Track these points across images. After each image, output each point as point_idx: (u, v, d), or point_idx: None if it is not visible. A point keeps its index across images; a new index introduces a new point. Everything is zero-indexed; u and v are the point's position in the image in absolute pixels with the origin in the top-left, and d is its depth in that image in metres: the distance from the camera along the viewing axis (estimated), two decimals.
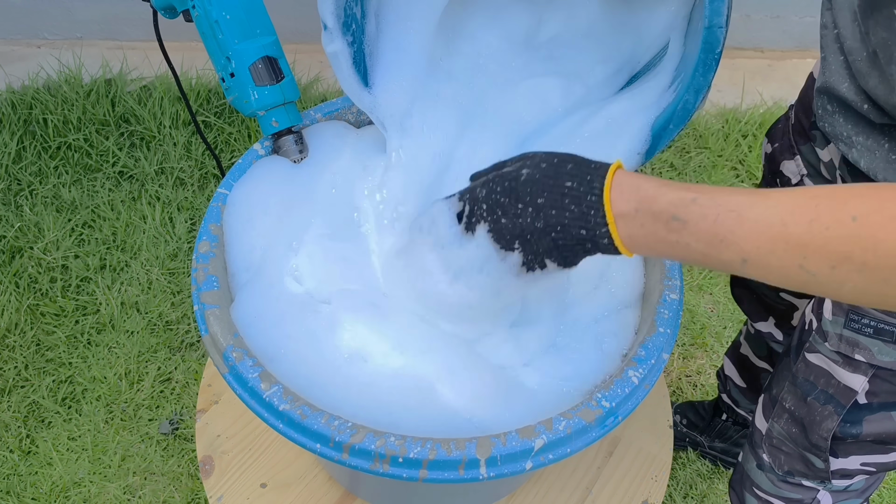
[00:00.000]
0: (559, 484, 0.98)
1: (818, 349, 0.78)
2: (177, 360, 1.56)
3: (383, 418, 0.66)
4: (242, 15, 0.76)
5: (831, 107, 0.69)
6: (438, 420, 0.67)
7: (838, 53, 0.67)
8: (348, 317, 0.72)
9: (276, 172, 0.81)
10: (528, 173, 0.56)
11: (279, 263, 0.76)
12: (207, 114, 1.95)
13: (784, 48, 2.27)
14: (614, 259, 0.80)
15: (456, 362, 0.70)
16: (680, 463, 1.47)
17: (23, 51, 2.18)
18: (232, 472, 0.97)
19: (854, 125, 0.67)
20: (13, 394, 1.51)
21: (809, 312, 0.81)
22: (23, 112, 1.92)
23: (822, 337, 0.77)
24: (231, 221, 0.78)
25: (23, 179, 1.83)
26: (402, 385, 0.68)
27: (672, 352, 0.89)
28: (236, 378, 0.68)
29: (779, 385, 0.86)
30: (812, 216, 0.47)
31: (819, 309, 0.77)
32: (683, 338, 1.65)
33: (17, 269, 1.67)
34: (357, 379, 0.68)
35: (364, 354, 0.70)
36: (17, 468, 1.42)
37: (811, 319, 0.80)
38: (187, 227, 1.76)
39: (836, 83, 0.68)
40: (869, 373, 0.73)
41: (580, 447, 0.65)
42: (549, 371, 0.73)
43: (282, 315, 0.72)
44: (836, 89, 0.68)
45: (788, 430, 0.85)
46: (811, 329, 0.79)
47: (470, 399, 0.67)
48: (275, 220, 0.78)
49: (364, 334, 0.70)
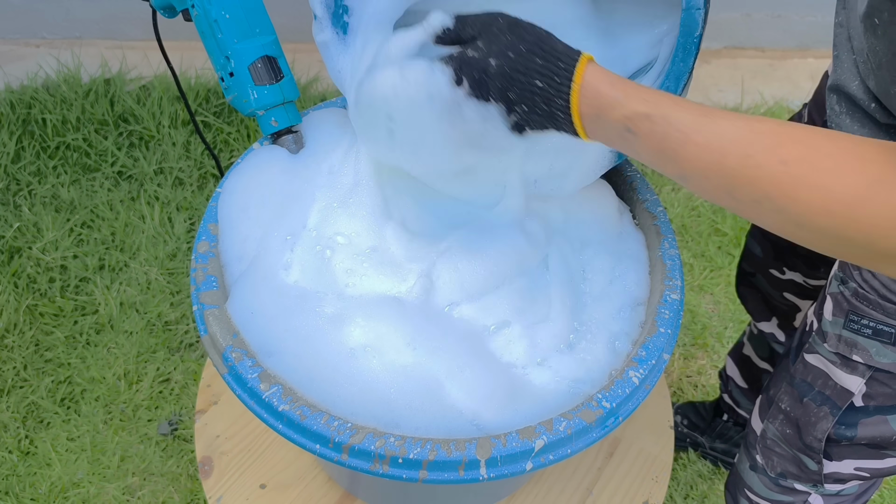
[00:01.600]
0: (560, 485, 0.97)
1: (817, 350, 0.78)
2: (176, 361, 1.56)
3: (385, 416, 0.65)
4: (242, 14, 0.76)
5: (839, 107, 0.70)
6: (442, 421, 0.66)
7: (850, 52, 0.68)
8: (360, 311, 0.70)
9: (274, 162, 0.79)
10: (497, 65, 0.57)
11: (276, 255, 0.74)
12: (206, 113, 1.94)
13: (785, 48, 2.27)
14: (623, 255, 0.80)
15: (466, 360, 0.69)
16: (681, 464, 1.47)
17: (21, 50, 2.17)
18: (231, 472, 0.97)
19: (861, 125, 0.67)
20: (12, 394, 1.50)
21: (811, 314, 0.81)
22: (21, 112, 1.92)
23: (821, 337, 0.77)
24: (226, 210, 0.77)
25: (21, 179, 1.82)
26: (409, 382, 0.67)
27: (673, 352, 0.88)
28: (235, 378, 0.67)
29: (776, 386, 0.86)
30: (748, 152, 0.50)
31: (820, 310, 0.77)
32: (684, 338, 1.65)
33: (15, 269, 1.66)
34: (359, 376, 0.67)
35: (375, 349, 0.69)
36: (15, 469, 1.41)
37: (812, 321, 0.80)
38: (186, 227, 1.76)
39: (847, 81, 0.68)
40: (866, 374, 0.73)
41: (581, 448, 0.65)
42: (562, 371, 0.72)
43: (282, 309, 0.70)
44: (846, 87, 0.68)
45: (783, 431, 0.85)
46: (811, 330, 0.79)
47: (478, 400, 0.67)
48: (271, 210, 0.76)
49: (377, 328, 0.69)
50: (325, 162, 0.80)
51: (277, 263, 0.74)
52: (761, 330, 1.15)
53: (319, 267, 0.74)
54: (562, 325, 0.74)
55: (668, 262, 0.76)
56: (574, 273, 0.79)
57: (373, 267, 0.75)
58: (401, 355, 0.68)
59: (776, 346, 1.15)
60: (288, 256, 0.75)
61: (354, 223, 0.77)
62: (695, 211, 1.86)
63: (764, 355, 1.20)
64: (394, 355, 0.68)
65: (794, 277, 1.05)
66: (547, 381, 0.71)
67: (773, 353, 1.18)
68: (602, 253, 0.80)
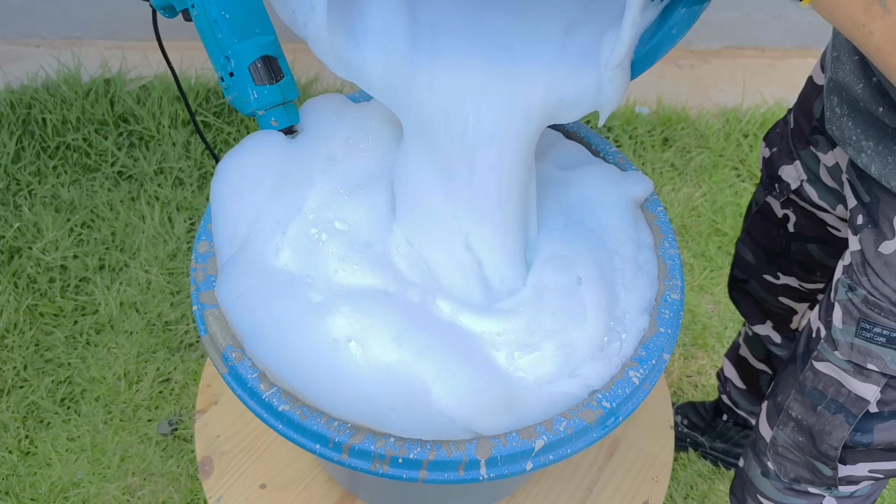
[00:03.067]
0: (560, 484, 0.97)
1: (827, 358, 0.76)
2: (176, 361, 1.56)
3: (368, 414, 0.63)
4: (241, 14, 0.76)
5: (840, 109, 0.68)
6: (429, 426, 0.63)
7: (853, 53, 0.66)
8: (347, 300, 0.67)
9: (270, 145, 0.77)
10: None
11: (267, 238, 0.71)
12: (206, 113, 1.94)
13: (785, 48, 2.27)
14: (643, 245, 0.77)
15: (458, 364, 0.64)
16: (681, 464, 1.47)
17: (21, 50, 2.17)
18: (231, 472, 0.97)
19: (864, 129, 0.66)
20: (12, 394, 1.50)
21: (816, 320, 0.80)
22: (21, 112, 1.92)
23: (831, 345, 0.75)
24: (219, 192, 0.75)
25: (21, 179, 1.82)
26: (391, 381, 0.63)
27: (673, 352, 0.88)
28: (236, 379, 0.67)
29: (784, 392, 0.85)
30: None
31: (828, 317, 0.76)
32: (684, 338, 1.65)
33: (15, 269, 1.66)
34: (340, 368, 0.64)
35: (359, 342, 0.65)
36: (15, 469, 1.41)
37: (818, 327, 0.78)
38: (186, 227, 1.76)
39: (851, 83, 0.66)
40: (881, 382, 0.72)
41: (581, 448, 0.65)
42: (590, 379, 0.67)
43: (267, 293, 0.67)
44: (851, 90, 0.66)
45: (795, 439, 0.84)
46: (819, 337, 0.78)
47: (471, 407, 0.63)
48: (265, 194, 0.73)
49: (363, 321, 0.65)
50: (323, 147, 0.77)
51: (267, 246, 0.71)
52: (756, 332, 1.15)
53: (311, 250, 0.71)
54: (599, 327, 0.69)
55: (668, 262, 0.76)
56: (604, 268, 0.73)
57: (367, 261, 0.71)
58: (385, 351, 0.64)
59: (773, 349, 1.15)
60: (279, 239, 0.71)
61: (359, 213, 0.73)
62: (695, 211, 1.86)
63: (760, 356, 1.20)
64: (377, 350, 0.64)
65: (789, 282, 1.04)
66: (569, 388, 0.67)
67: (769, 355, 1.18)
68: (626, 241, 0.76)
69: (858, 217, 0.73)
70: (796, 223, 0.95)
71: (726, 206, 1.86)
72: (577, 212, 0.78)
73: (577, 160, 0.85)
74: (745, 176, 1.94)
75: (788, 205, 0.95)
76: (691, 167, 1.95)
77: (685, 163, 1.96)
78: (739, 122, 2.02)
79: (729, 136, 2.00)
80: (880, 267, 0.69)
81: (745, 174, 1.94)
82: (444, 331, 0.67)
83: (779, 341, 1.13)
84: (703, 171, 1.94)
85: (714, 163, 1.95)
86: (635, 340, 0.71)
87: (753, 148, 1.97)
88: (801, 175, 0.88)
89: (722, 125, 2.03)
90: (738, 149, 1.98)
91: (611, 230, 0.76)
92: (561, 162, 0.84)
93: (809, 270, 1.01)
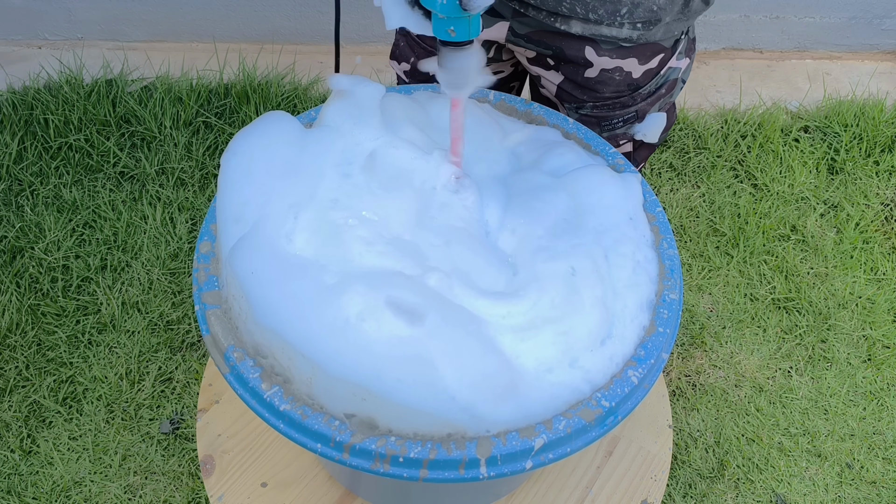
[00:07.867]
0: (559, 483, 0.98)
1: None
2: (177, 360, 1.56)
3: (374, 385, 0.64)
4: None
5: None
6: (433, 402, 0.64)
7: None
8: (362, 281, 0.68)
9: (285, 131, 0.77)
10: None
11: (278, 224, 0.72)
12: (208, 114, 1.95)
13: (783, 49, 2.28)
14: (642, 243, 0.79)
15: (466, 346, 0.66)
16: (679, 462, 1.48)
17: (24, 51, 2.18)
18: (233, 471, 0.97)
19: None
20: (14, 393, 1.51)
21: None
22: (24, 112, 1.92)
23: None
24: (228, 169, 0.75)
25: (24, 180, 1.83)
26: (401, 353, 0.65)
27: (671, 351, 0.89)
28: (237, 378, 0.68)
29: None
30: None
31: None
32: (682, 338, 1.65)
33: (18, 269, 1.67)
34: (353, 337, 0.65)
35: (373, 315, 0.66)
36: (18, 468, 1.42)
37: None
38: (188, 227, 1.76)
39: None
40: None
41: (580, 447, 0.65)
42: (592, 372, 0.69)
43: (283, 273, 0.69)
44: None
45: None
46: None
47: (472, 389, 0.64)
48: (275, 178, 0.74)
49: (377, 297, 0.67)
50: (340, 141, 0.78)
51: (280, 231, 0.72)
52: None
53: (333, 234, 0.72)
54: (595, 317, 0.71)
55: (666, 262, 0.77)
56: (598, 263, 0.75)
57: (394, 247, 0.73)
58: (398, 325, 0.66)
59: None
60: (291, 224, 0.72)
61: (387, 208, 0.75)
62: (693, 211, 1.87)
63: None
64: (391, 324, 0.66)
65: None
66: (571, 380, 0.68)
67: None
68: (622, 239, 0.77)
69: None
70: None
71: (724, 206, 1.87)
72: (568, 211, 0.79)
73: (568, 168, 0.84)
74: (743, 176, 1.94)
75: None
76: (690, 167, 1.96)
77: (683, 163, 1.97)
78: (738, 123, 2.02)
79: (727, 137, 2.00)
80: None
81: (743, 175, 1.95)
82: (455, 312, 0.69)
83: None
84: (702, 171, 1.95)
85: (712, 163, 1.96)
86: (636, 336, 0.72)
87: (752, 149, 1.98)
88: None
89: (720, 126, 2.04)
90: (737, 149, 1.99)
91: (606, 228, 0.77)
92: (552, 170, 0.84)
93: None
